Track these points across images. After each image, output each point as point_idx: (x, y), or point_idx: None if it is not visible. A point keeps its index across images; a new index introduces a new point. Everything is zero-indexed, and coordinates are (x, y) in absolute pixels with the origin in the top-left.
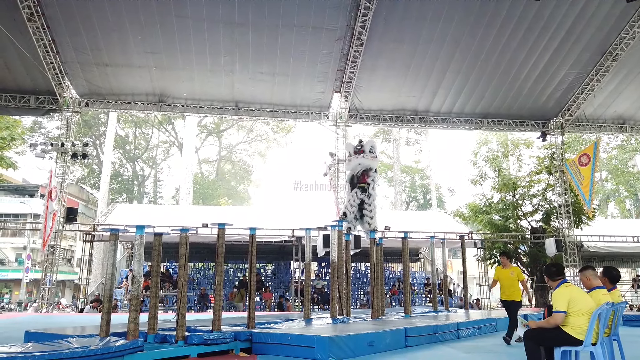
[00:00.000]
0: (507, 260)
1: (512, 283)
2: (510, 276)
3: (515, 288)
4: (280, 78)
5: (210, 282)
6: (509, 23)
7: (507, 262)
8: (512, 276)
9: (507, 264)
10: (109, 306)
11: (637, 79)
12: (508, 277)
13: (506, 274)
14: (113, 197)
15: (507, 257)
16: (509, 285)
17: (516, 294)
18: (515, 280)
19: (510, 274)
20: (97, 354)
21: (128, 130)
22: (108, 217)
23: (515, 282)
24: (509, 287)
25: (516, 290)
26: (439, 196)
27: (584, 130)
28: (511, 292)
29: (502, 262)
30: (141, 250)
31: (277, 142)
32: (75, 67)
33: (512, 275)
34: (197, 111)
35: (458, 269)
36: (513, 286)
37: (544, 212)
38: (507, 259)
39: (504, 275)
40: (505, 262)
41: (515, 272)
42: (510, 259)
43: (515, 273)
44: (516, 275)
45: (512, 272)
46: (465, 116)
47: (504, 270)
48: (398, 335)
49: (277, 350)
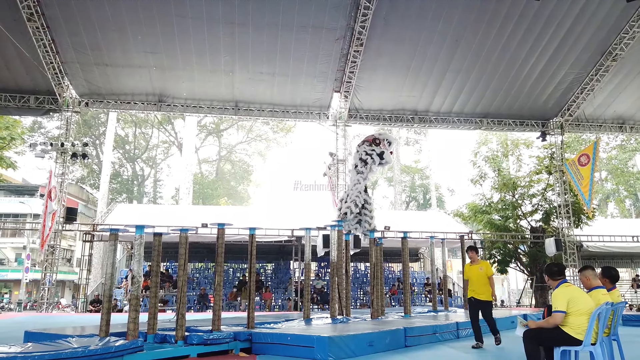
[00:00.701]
0: (475, 254)
1: (483, 280)
2: (479, 272)
3: (486, 285)
4: (280, 78)
5: (210, 282)
6: (509, 23)
7: (475, 256)
8: (482, 272)
9: (476, 258)
10: (108, 306)
11: (637, 79)
12: (477, 273)
13: (475, 271)
14: (113, 197)
15: (475, 252)
16: (481, 283)
17: (487, 292)
18: (485, 276)
19: (480, 269)
20: (97, 354)
21: (128, 130)
22: (108, 217)
23: (485, 279)
24: (481, 285)
25: (487, 288)
26: (438, 196)
27: (583, 130)
28: (483, 290)
29: (470, 257)
30: (141, 250)
31: (276, 142)
32: (75, 67)
33: (481, 271)
34: (197, 111)
35: (458, 269)
36: (484, 283)
37: (543, 212)
38: (475, 253)
39: (473, 272)
40: (473, 256)
41: (484, 268)
42: (477, 252)
43: (484, 268)
44: (485, 271)
45: (482, 267)
46: (465, 116)
47: (473, 266)
48: (398, 335)
49: (277, 350)
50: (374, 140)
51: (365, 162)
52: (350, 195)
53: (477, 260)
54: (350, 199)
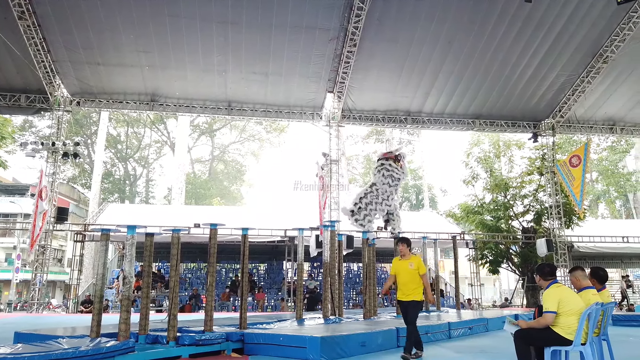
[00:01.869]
0: (405, 247)
1: (411, 277)
2: (409, 269)
3: (416, 284)
4: (274, 78)
5: (202, 282)
6: (501, 24)
7: (406, 250)
8: (412, 268)
9: (407, 253)
10: (99, 307)
11: (628, 80)
12: (406, 270)
13: (404, 267)
14: (104, 197)
15: (406, 244)
16: (408, 280)
17: (416, 291)
18: (415, 273)
19: (409, 265)
20: (88, 355)
21: (120, 130)
22: (99, 217)
23: (415, 277)
24: (408, 282)
25: (417, 287)
26: (431, 196)
27: (574, 132)
28: (410, 289)
29: (400, 250)
30: (132, 251)
31: (270, 142)
32: (66, 65)
33: (411, 268)
34: (190, 111)
35: (450, 269)
36: (413, 281)
37: (535, 213)
38: (407, 246)
39: (401, 268)
40: (403, 250)
41: (415, 264)
42: (410, 245)
43: (415, 264)
44: (416, 267)
45: (412, 263)
46: (457, 117)
47: (402, 261)
48: (390, 335)
49: (269, 350)
50: (396, 158)
51: (398, 178)
52: (385, 204)
53: (408, 254)
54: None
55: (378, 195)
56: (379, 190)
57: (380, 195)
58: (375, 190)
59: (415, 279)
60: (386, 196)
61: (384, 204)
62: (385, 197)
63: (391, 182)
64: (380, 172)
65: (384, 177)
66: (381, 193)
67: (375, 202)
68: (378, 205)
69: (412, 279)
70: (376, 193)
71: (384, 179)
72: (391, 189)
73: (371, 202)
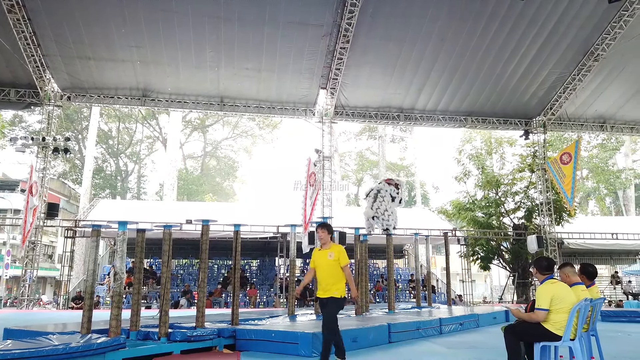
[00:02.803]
0: (326, 234)
1: (331, 270)
2: (328, 260)
3: (336, 277)
4: (266, 74)
5: (194, 278)
6: (493, 22)
7: (326, 237)
8: (331, 259)
9: (327, 240)
10: (90, 303)
11: (618, 78)
12: (325, 261)
13: (322, 257)
14: (95, 193)
15: (327, 230)
16: (327, 273)
17: (337, 286)
18: (335, 265)
19: (329, 256)
20: (78, 351)
21: (111, 125)
22: (90, 213)
23: (335, 269)
24: (327, 275)
25: (337, 281)
26: (423, 193)
27: (565, 129)
28: (329, 283)
29: (320, 237)
30: (124, 247)
31: (262, 138)
32: (57, 60)
33: (330, 258)
34: (182, 106)
35: (441, 265)
36: (332, 274)
37: (526, 210)
38: (327, 233)
39: (320, 259)
40: (323, 237)
41: (335, 253)
42: (331, 233)
43: (335, 254)
44: (336, 258)
45: (331, 253)
46: (450, 114)
47: (321, 251)
48: (381, 331)
49: (261, 346)
50: (396, 185)
51: (395, 199)
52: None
53: (329, 243)
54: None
55: (383, 201)
56: (384, 198)
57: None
58: (382, 197)
59: (335, 271)
60: (385, 207)
61: (390, 214)
62: (385, 207)
63: (394, 199)
64: (383, 190)
65: (390, 199)
66: (386, 202)
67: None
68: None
69: (331, 271)
70: (382, 200)
71: (390, 199)
72: (393, 204)
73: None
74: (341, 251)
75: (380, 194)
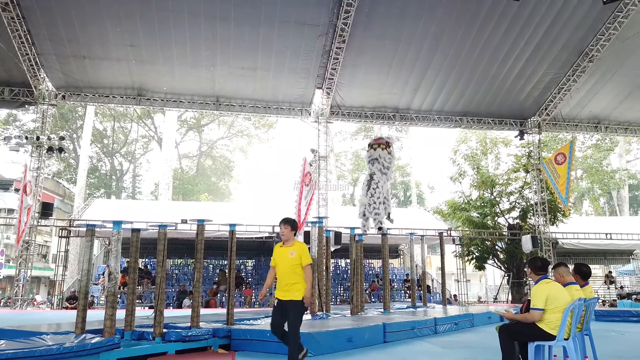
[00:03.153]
0: (290, 231)
1: (291, 269)
2: (289, 258)
3: (297, 278)
4: (262, 73)
5: (189, 278)
6: (489, 22)
7: (289, 234)
8: (292, 257)
9: (291, 237)
10: (84, 303)
11: (612, 79)
12: (286, 259)
13: (284, 255)
14: (90, 192)
15: (291, 227)
16: (288, 272)
17: (297, 287)
18: (296, 264)
19: (290, 254)
20: (72, 351)
21: (106, 124)
22: (85, 213)
23: (296, 269)
24: (288, 276)
25: (297, 282)
26: (419, 193)
27: (560, 130)
28: (289, 284)
29: (282, 233)
30: (118, 247)
31: (258, 137)
32: (51, 58)
33: (291, 257)
34: (177, 105)
35: (437, 265)
36: (293, 274)
37: (520, 210)
38: (291, 229)
39: (281, 257)
40: (286, 234)
41: (297, 252)
42: (295, 229)
43: (297, 252)
44: (298, 256)
45: (293, 251)
46: (445, 114)
47: (283, 248)
48: (376, 331)
49: (256, 346)
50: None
51: (388, 167)
52: (383, 195)
53: (291, 240)
54: (384, 199)
55: (377, 186)
56: (378, 183)
57: (380, 185)
58: (375, 184)
59: (296, 271)
60: (381, 185)
61: (383, 194)
62: (381, 186)
63: (383, 169)
64: (375, 166)
65: (380, 172)
66: (381, 184)
67: (379, 194)
68: (381, 195)
69: (292, 270)
70: (375, 186)
71: (380, 173)
72: (385, 177)
73: (375, 195)
74: (304, 249)
75: (374, 180)
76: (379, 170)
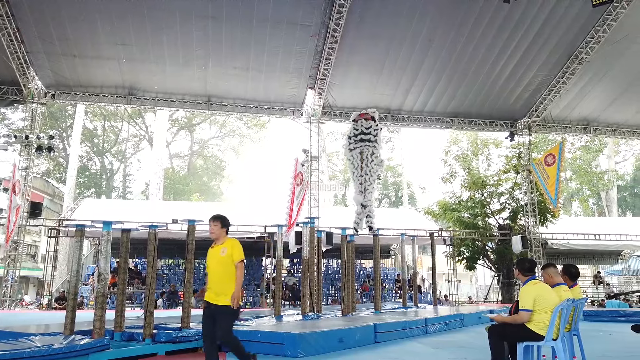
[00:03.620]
0: (219, 228)
1: (223, 269)
2: (220, 257)
3: (226, 281)
4: (254, 73)
5: (180, 278)
6: (480, 24)
7: (219, 231)
8: (224, 255)
9: (221, 235)
10: (73, 304)
11: (602, 82)
12: (217, 257)
13: (215, 255)
14: (80, 192)
15: (221, 224)
16: (220, 272)
17: (229, 289)
18: (228, 263)
19: (221, 252)
20: (61, 352)
21: (96, 123)
22: (74, 212)
23: (230, 268)
24: (220, 277)
25: (227, 284)
26: (410, 193)
27: (550, 131)
28: (221, 286)
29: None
30: (108, 247)
31: (250, 137)
32: (41, 57)
33: (222, 255)
34: (169, 105)
35: (428, 266)
36: (226, 275)
37: (511, 210)
38: (221, 227)
39: (211, 257)
40: (216, 232)
41: (229, 249)
42: (226, 226)
43: (228, 250)
44: (230, 254)
45: (225, 248)
46: (437, 115)
47: (215, 247)
48: (367, 331)
49: (247, 347)
50: (372, 118)
51: (375, 136)
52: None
53: (223, 237)
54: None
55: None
56: (370, 162)
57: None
58: (362, 170)
59: (228, 271)
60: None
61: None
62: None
63: (370, 143)
64: (363, 143)
65: (369, 148)
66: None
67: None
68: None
69: (224, 271)
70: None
71: (369, 150)
72: (374, 152)
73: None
74: (235, 245)
75: (364, 158)
76: (367, 146)
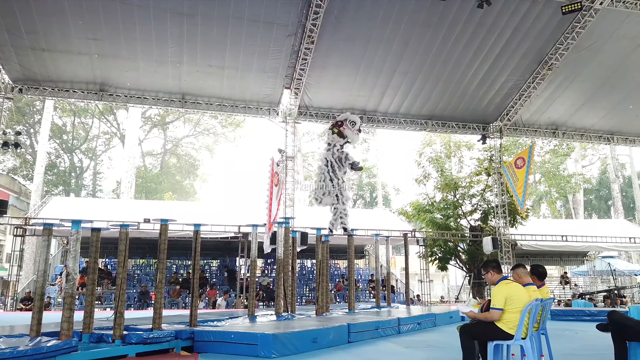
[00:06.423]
0: None
1: None
2: None
3: None
4: (230, 72)
5: (151, 278)
6: (454, 28)
7: None
8: None
9: None
10: (40, 304)
11: (570, 87)
12: None
13: None
14: (48, 190)
15: None
16: None
17: None
18: None
19: None
20: (27, 355)
21: (66, 119)
22: (42, 211)
23: None
24: None
25: None
26: (384, 194)
27: (520, 135)
28: None
29: None
30: (77, 246)
31: (225, 136)
32: (8, 50)
33: None
34: (142, 102)
35: (401, 266)
36: None
37: (482, 212)
38: None
39: None
40: None
41: None
42: None
43: None
44: None
45: None
46: (411, 117)
47: None
48: (341, 331)
49: (220, 348)
50: (337, 124)
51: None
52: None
53: None
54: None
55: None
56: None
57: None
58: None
59: None
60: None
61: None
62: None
63: (335, 159)
64: (329, 153)
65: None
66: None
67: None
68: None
69: None
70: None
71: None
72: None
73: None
74: None
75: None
76: (335, 159)
